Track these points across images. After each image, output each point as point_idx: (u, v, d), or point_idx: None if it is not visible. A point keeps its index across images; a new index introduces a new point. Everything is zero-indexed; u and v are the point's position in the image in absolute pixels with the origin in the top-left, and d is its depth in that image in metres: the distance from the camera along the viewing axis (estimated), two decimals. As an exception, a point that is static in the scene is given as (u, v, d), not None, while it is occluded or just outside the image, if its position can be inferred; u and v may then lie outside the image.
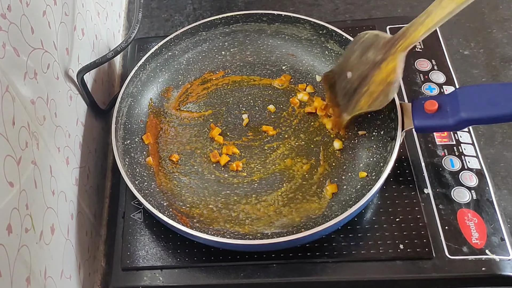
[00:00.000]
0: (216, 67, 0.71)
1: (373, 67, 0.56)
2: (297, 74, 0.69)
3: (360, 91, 0.58)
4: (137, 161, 0.62)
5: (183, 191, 0.60)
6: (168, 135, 0.65)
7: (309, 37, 0.69)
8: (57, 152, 0.51)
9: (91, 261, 0.59)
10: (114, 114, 0.62)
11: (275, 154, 0.62)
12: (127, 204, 0.60)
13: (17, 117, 0.42)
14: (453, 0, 0.51)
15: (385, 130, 0.60)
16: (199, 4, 0.89)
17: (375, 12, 0.84)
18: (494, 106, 0.51)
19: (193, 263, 0.55)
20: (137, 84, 0.67)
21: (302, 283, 0.54)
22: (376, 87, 0.56)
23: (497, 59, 0.77)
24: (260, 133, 0.65)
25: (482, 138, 0.68)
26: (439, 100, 0.54)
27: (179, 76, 0.71)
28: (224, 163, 0.62)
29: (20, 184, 0.41)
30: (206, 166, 0.62)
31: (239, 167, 0.61)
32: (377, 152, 0.59)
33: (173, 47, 0.70)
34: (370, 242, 0.54)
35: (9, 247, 0.38)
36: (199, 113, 0.67)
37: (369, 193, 0.52)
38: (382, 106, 0.56)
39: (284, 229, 0.56)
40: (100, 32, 0.71)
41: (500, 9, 0.83)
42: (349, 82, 0.59)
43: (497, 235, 0.53)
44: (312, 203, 0.58)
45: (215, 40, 0.72)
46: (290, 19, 0.69)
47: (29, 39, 0.47)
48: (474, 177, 0.58)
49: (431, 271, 0.52)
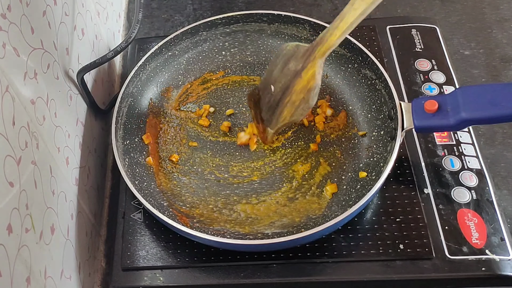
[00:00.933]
0: (216, 67, 0.71)
1: (294, 76, 0.56)
2: None
3: (282, 103, 0.57)
4: (137, 161, 0.62)
5: (183, 191, 0.60)
6: (168, 135, 0.65)
7: (309, 37, 0.69)
8: (57, 152, 0.51)
9: (91, 261, 0.59)
10: (114, 114, 0.62)
11: (275, 155, 0.62)
12: (127, 204, 0.60)
13: (17, 117, 0.42)
14: (363, 0, 0.52)
15: (385, 130, 0.60)
16: (199, 4, 0.89)
17: (375, 12, 0.83)
18: (494, 106, 0.51)
19: (193, 263, 0.55)
20: (137, 84, 0.67)
21: (302, 283, 0.54)
22: (297, 96, 0.56)
23: (497, 59, 0.77)
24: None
25: (482, 138, 0.68)
26: (439, 100, 0.54)
27: (179, 76, 0.71)
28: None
29: (20, 184, 0.41)
30: (206, 166, 0.62)
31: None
32: (377, 152, 0.59)
33: (173, 47, 0.70)
34: (370, 242, 0.54)
35: (9, 247, 0.38)
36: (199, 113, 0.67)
37: (369, 193, 0.52)
38: (304, 115, 0.57)
39: (284, 229, 0.56)
40: (100, 32, 0.71)
41: (500, 9, 0.83)
42: (272, 96, 0.58)
43: (497, 235, 0.53)
44: (312, 203, 0.58)
45: (215, 40, 0.72)
46: (290, 19, 0.69)
47: (29, 39, 0.47)
48: (474, 177, 0.58)
49: (431, 271, 0.52)
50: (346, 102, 0.65)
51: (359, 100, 0.65)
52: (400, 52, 0.70)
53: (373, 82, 0.63)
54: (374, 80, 0.62)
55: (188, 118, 0.67)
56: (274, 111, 0.59)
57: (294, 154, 0.62)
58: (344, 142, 0.62)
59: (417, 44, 0.70)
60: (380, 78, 0.61)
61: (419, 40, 0.71)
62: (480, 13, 0.83)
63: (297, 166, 0.61)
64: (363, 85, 0.64)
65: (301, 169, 0.60)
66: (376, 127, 0.61)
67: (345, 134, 0.63)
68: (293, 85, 0.56)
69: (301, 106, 0.56)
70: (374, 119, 0.62)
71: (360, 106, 0.64)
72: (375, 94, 0.62)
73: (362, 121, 0.63)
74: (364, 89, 0.64)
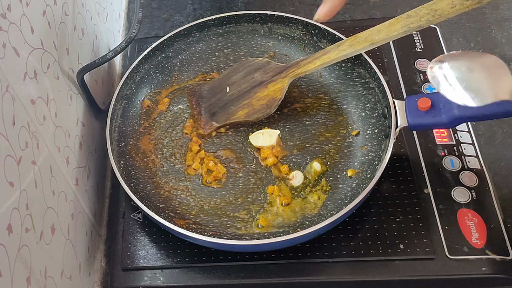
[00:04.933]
0: (210, 68, 0.71)
1: (258, 85, 0.65)
2: None
3: (238, 104, 0.65)
4: (132, 164, 0.62)
5: (178, 192, 0.60)
6: (163, 138, 0.65)
7: (301, 36, 0.69)
8: (57, 152, 0.51)
9: (91, 261, 0.59)
10: (108, 116, 0.62)
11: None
12: (127, 204, 0.60)
13: (17, 117, 0.42)
14: (351, 46, 0.59)
15: (379, 128, 0.60)
16: (199, 4, 0.89)
17: (374, 12, 0.84)
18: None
19: (193, 263, 0.55)
20: (131, 86, 0.66)
21: (302, 283, 0.54)
22: (257, 101, 0.64)
23: (497, 59, 0.77)
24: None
25: (482, 138, 0.68)
26: (432, 98, 0.54)
27: (173, 77, 0.71)
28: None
29: (20, 184, 0.41)
30: (201, 168, 0.62)
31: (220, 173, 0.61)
32: (371, 151, 0.59)
33: (167, 48, 0.70)
34: (370, 242, 0.54)
35: (9, 247, 0.38)
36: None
37: (364, 191, 0.52)
38: (260, 118, 0.63)
39: (280, 229, 0.56)
40: (100, 32, 0.71)
41: (500, 9, 0.83)
42: (225, 95, 0.66)
43: (497, 235, 0.53)
44: (308, 203, 0.58)
45: (208, 41, 0.72)
46: (283, 19, 0.69)
47: (29, 39, 0.47)
48: (474, 177, 0.58)
49: (431, 271, 0.52)
50: (340, 101, 0.65)
51: (353, 98, 0.65)
52: (400, 52, 0.70)
53: (366, 80, 0.63)
54: (367, 78, 0.63)
55: (182, 121, 0.66)
56: (224, 109, 0.65)
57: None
58: (339, 141, 0.62)
59: (417, 44, 0.70)
60: (373, 76, 0.61)
61: (419, 40, 0.71)
62: (480, 13, 0.83)
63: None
64: (357, 84, 0.64)
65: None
66: (370, 126, 0.61)
67: (338, 134, 0.62)
68: (256, 91, 0.64)
69: (262, 110, 0.63)
70: (368, 117, 0.62)
71: (354, 105, 0.64)
72: (369, 92, 0.62)
73: (356, 120, 0.63)
74: (358, 88, 0.64)
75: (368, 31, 0.59)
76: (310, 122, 0.64)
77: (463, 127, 0.62)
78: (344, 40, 0.62)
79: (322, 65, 0.61)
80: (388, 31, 0.57)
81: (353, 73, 0.65)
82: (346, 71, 0.66)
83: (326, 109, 0.65)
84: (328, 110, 0.65)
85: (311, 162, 0.61)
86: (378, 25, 0.58)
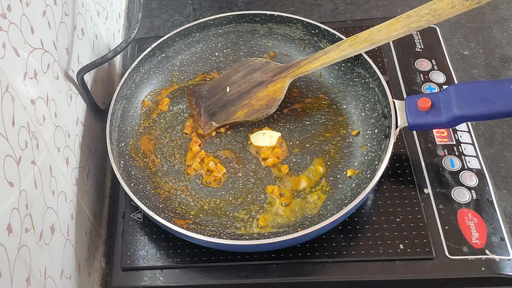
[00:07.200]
0: (209, 68, 0.71)
1: (258, 85, 0.65)
2: None
3: (238, 104, 0.65)
4: (132, 164, 0.62)
5: (178, 192, 0.60)
6: (163, 138, 0.65)
7: (301, 36, 0.69)
8: (57, 152, 0.51)
9: (91, 261, 0.59)
10: (108, 116, 0.62)
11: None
12: (127, 204, 0.60)
13: (17, 117, 0.42)
14: (351, 46, 0.60)
15: (379, 128, 0.60)
16: (199, 4, 0.89)
17: (375, 12, 0.84)
18: (486, 103, 0.51)
19: (193, 263, 0.55)
20: (131, 86, 0.66)
21: (302, 283, 0.54)
22: (257, 101, 0.64)
23: (496, 59, 0.77)
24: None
25: (482, 138, 0.68)
26: (432, 98, 0.54)
27: (173, 77, 0.70)
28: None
29: (20, 184, 0.41)
30: (201, 168, 0.62)
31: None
32: (371, 151, 0.59)
33: (167, 48, 0.70)
34: (370, 242, 0.54)
35: (9, 247, 0.38)
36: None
37: (364, 192, 0.52)
38: (260, 118, 0.63)
39: (280, 229, 0.56)
40: (100, 32, 0.71)
41: (500, 9, 0.83)
42: (225, 95, 0.66)
43: (497, 235, 0.53)
44: (308, 203, 0.58)
45: (208, 41, 0.72)
46: (283, 19, 0.69)
47: (29, 39, 0.47)
48: (474, 177, 0.58)
49: (431, 271, 0.52)
50: (339, 101, 0.65)
51: (353, 98, 0.65)
52: (400, 52, 0.70)
53: (366, 80, 0.63)
54: (367, 78, 0.63)
55: (182, 121, 0.66)
56: (225, 109, 0.65)
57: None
58: (338, 141, 0.62)
59: (417, 44, 0.70)
60: (373, 76, 0.61)
61: (419, 40, 0.71)
62: (480, 13, 0.83)
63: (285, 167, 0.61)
64: (356, 84, 0.64)
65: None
66: (370, 126, 0.61)
67: (337, 134, 0.62)
68: (256, 91, 0.64)
69: (261, 110, 0.63)
70: (368, 117, 0.62)
71: (354, 105, 0.64)
72: (369, 92, 0.62)
73: (356, 120, 0.63)
74: (358, 88, 0.64)
75: (368, 31, 0.59)
76: (310, 122, 0.64)
77: (463, 127, 0.62)
78: (344, 40, 0.62)
79: (322, 65, 0.62)
80: (388, 31, 0.57)
81: (353, 73, 0.65)
82: (346, 71, 0.66)
83: (326, 109, 0.65)
84: (328, 110, 0.65)
85: (314, 163, 0.61)
86: (378, 25, 0.58)
